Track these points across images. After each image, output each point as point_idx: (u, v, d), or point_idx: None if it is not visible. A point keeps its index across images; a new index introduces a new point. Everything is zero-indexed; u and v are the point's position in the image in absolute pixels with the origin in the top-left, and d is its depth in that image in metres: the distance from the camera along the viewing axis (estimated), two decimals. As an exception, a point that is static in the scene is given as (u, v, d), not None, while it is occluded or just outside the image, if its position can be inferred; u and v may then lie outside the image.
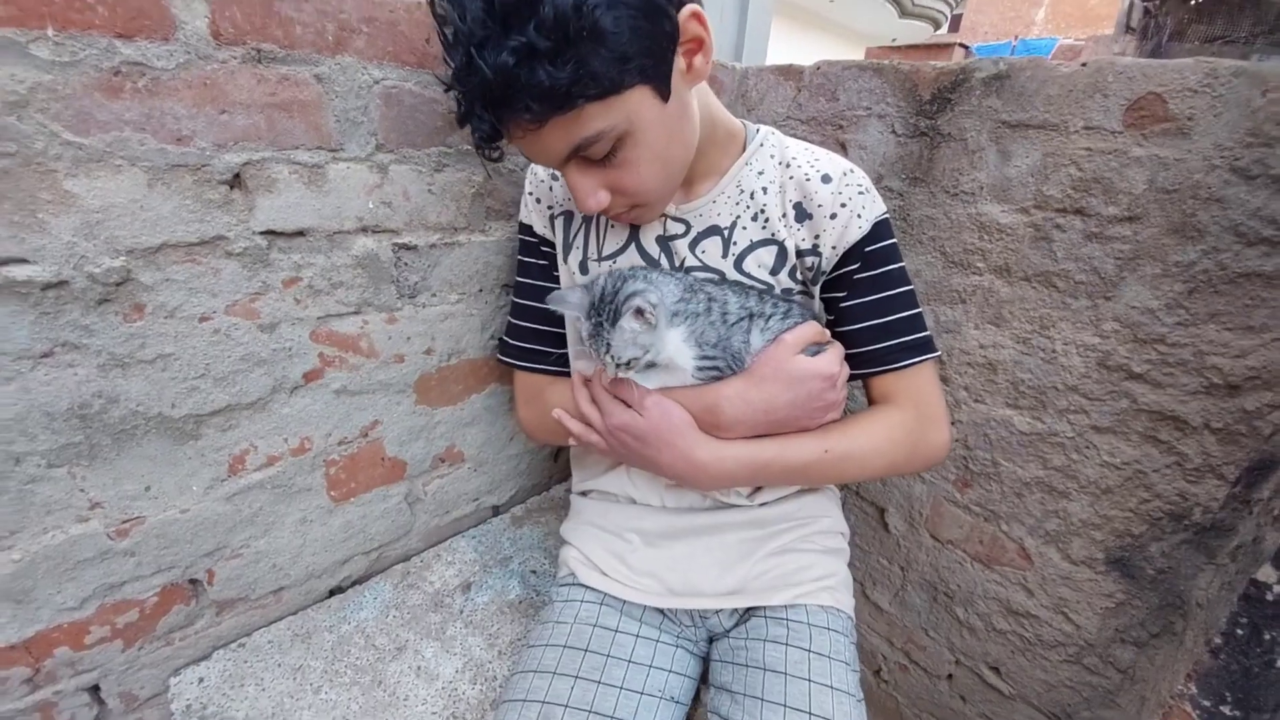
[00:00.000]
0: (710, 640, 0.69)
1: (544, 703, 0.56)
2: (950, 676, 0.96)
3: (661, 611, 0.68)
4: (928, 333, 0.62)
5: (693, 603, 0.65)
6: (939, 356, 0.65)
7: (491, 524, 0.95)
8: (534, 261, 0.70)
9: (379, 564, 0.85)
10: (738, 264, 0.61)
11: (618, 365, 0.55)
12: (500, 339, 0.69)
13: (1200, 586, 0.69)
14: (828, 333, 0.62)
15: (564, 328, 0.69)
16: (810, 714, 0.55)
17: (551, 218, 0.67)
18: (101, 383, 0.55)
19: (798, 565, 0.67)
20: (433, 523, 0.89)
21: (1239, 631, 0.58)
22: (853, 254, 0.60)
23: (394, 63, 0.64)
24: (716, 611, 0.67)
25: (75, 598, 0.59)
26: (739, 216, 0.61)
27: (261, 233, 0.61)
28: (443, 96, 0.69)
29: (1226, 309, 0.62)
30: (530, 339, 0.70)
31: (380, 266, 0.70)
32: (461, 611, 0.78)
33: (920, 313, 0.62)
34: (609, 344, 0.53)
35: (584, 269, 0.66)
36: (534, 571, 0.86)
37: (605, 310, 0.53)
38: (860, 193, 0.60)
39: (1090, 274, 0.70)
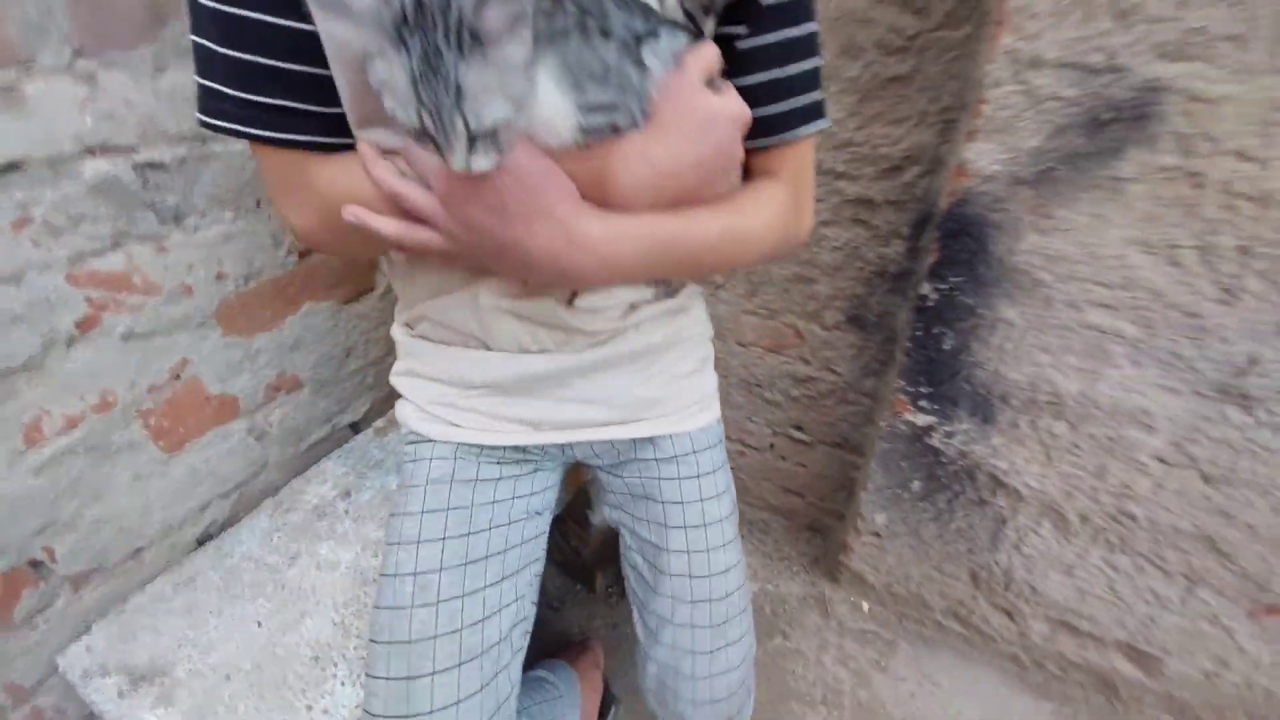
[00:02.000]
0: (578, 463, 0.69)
1: (415, 574, 0.54)
2: (771, 446, 1.26)
3: (523, 448, 0.62)
4: (822, 93, 0.49)
5: (562, 436, 0.60)
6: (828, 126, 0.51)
7: (355, 440, 0.99)
8: None
9: (244, 503, 0.86)
10: None
11: (473, 140, 0.31)
12: (208, 89, 0.39)
13: (902, 319, 0.99)
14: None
15: (324, 64, 0.39)
16: (704, 525, 0.62)
17: None
18: None
19: (679, 390, 0.62)
20: (289, 451, 0.91)
21: (917, 333, 0.87)
22: None
23: (57, -57, 0.56)
24: (590, 443, 0.62)
25: (-112, 606, 0.55)
26: None
27: (-42, 170, 0.54)
28: (136, -17, 0.62)
29: (884, 109, 0.85)
30: (277, 88, 0.39)
31: (126, 190, 0.66)
32: (347, 512, 0.85)
33: (820, 64, 0.48)
34: (458, 91, 0.29)
35: None
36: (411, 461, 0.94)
37: (438, 21, 0.27)
38: None
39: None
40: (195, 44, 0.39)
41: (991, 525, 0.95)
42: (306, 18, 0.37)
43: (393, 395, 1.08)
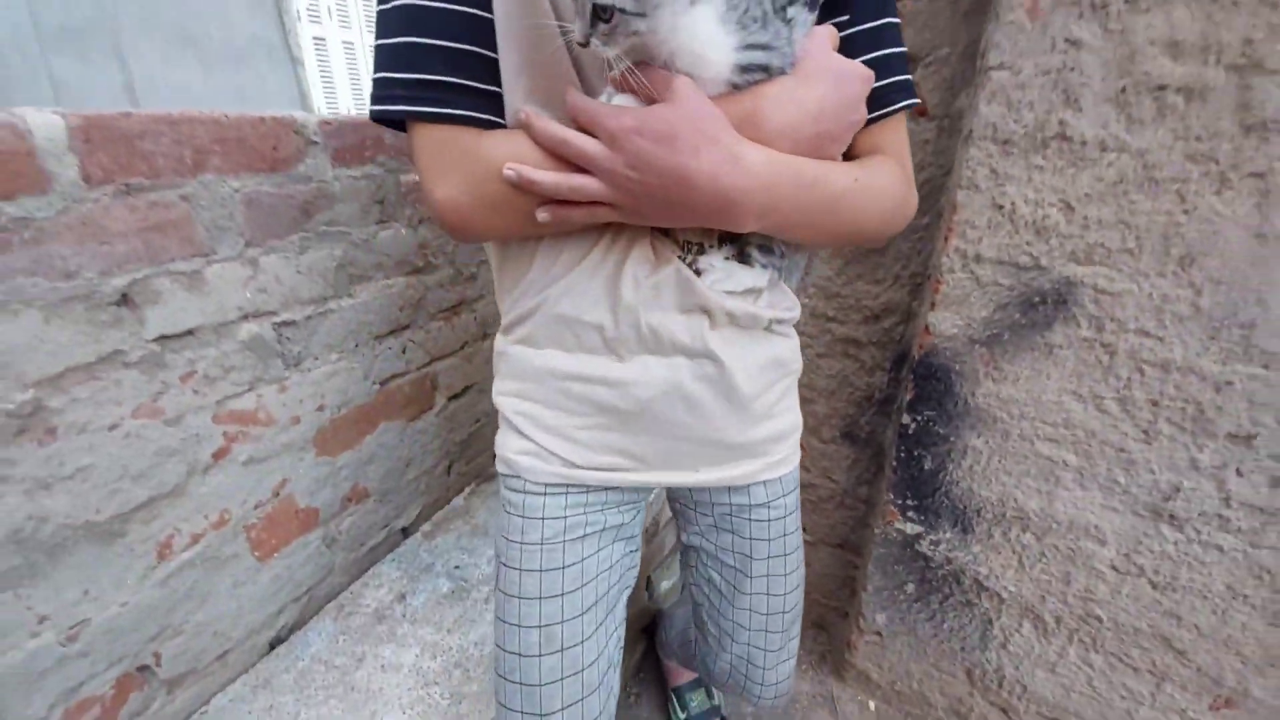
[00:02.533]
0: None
1: (541, 627, 0.59)
2: (777, 546, 1.38)
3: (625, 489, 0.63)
4: (910, 76, 0.54)
5: (670, 478, 0.60)
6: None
7: (406, 544, 1.10)
8: None
9: (311, 607, 0.96)
10: None
11: (594, 13, 0.38)
12: (380, 77, 0.44)
13: (889, 438, 1.15)
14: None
15: (494, 45, 0.45)
16: (785, 555, 0.69)
17: None
18: (30, 506, 0.62)
19: (783, 425, 0.64)
20: (351, 557, 1.02)
21: (901, 454, 1.03)
22: None
23: (249, 172, 0.76)
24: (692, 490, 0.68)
25: (42, 706, 0.65)
26: None
27: (153, 340, 0.70)
28: (297, 190, 0.82)
29: (865, 271, 1.06)
30: (443, 66, 0.44)
31: (266, 345, 0.82)
32: (404, 615, 0.95)
33: (906, 49, 0.54)
34: None
35: None
36: (457, 567, 1.05)
37: None
38: None
39: (797, 256, 1.10)
40: (376, 48, 0.45)
41: (980, 625, 1.06)
42: (481, 3, 0.43)
43: (439, 500, 1.20)
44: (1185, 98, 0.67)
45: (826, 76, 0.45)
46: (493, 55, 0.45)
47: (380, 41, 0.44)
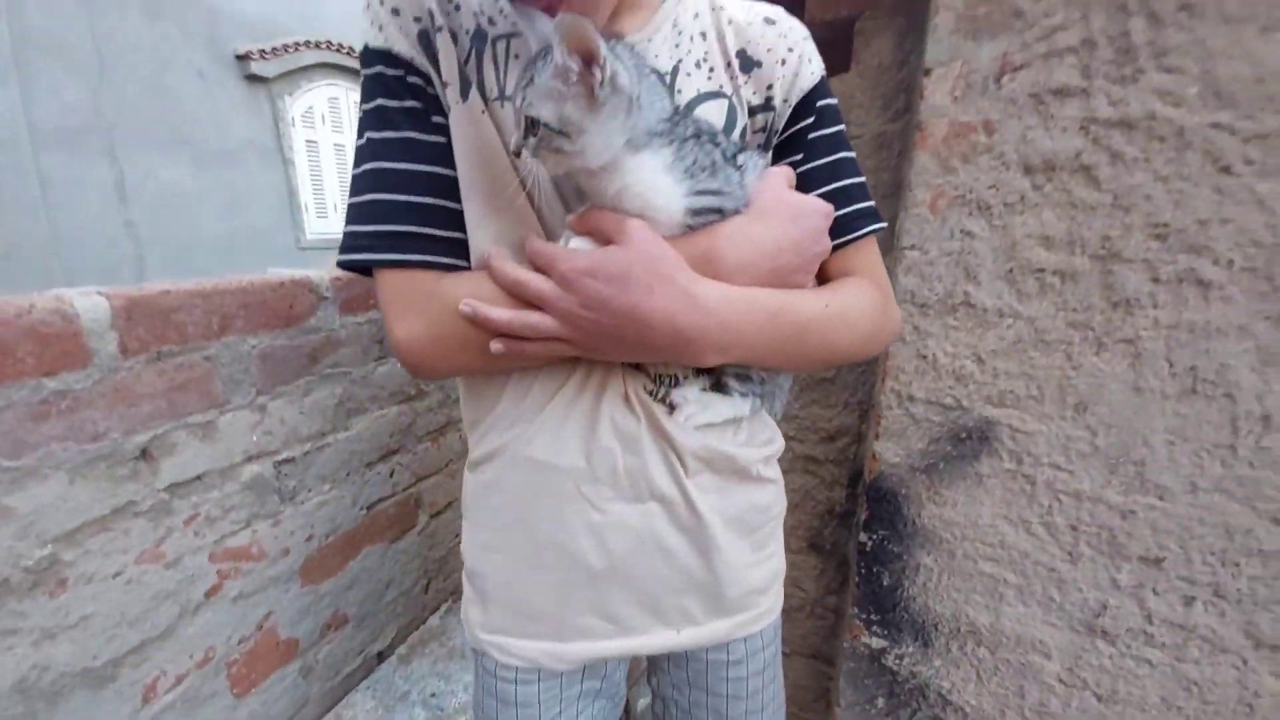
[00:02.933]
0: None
1: None
2: (752, 657, 1.41)
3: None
4: (873, 201, 0.57)
5: (650, 642, 0.57)
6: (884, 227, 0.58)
7: (381, 670, 1.11)
8: (396, 105, 0.48)
9: (282, 743, 0.96)
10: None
11: (527, 127, 0.41)
12: (347, 233, 0.48)
13: (851, 551, 1.23)
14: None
15: (455, 198, 0.49)
16: (761, 710, 0.64)
17: (424, 33, 0.47)
18: (36, 656, 0.65)
19: (766, 574, 0.62)
20: (326, 686, 1.03)
21: (862, 571, 1.11)
22: (805, 108, 0.54)
23: (266, 330, 0.86)
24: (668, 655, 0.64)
25: None
26: (680, 60, 0.51)
27: (164, 489, 0.76)
28: (307, 340, 0.91)
29: (819, 397, 1.18)
30: (403, 217, 0.48)
31: (265, 483, 0.88)
32: (379, 751, 0.95)
33: (866, 180, 0.57)
34: (530, 80, 0.41)
35: (489, 109, 0.48)
36: (433, 695, 1.06)
37: (543, 66, 0.41)
38: (804, 38, 0.54)
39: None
40: (348, 207, 0.48)
41: (949, 741, 1.10)
42: (440, 129, 0.48)
43: (414, 621, 1.21)
44: (1060, 278, 0.83)
45: (782, 213, 0.48)
46: (455, 206, 0.49)
47: (351, 200, 0.48)
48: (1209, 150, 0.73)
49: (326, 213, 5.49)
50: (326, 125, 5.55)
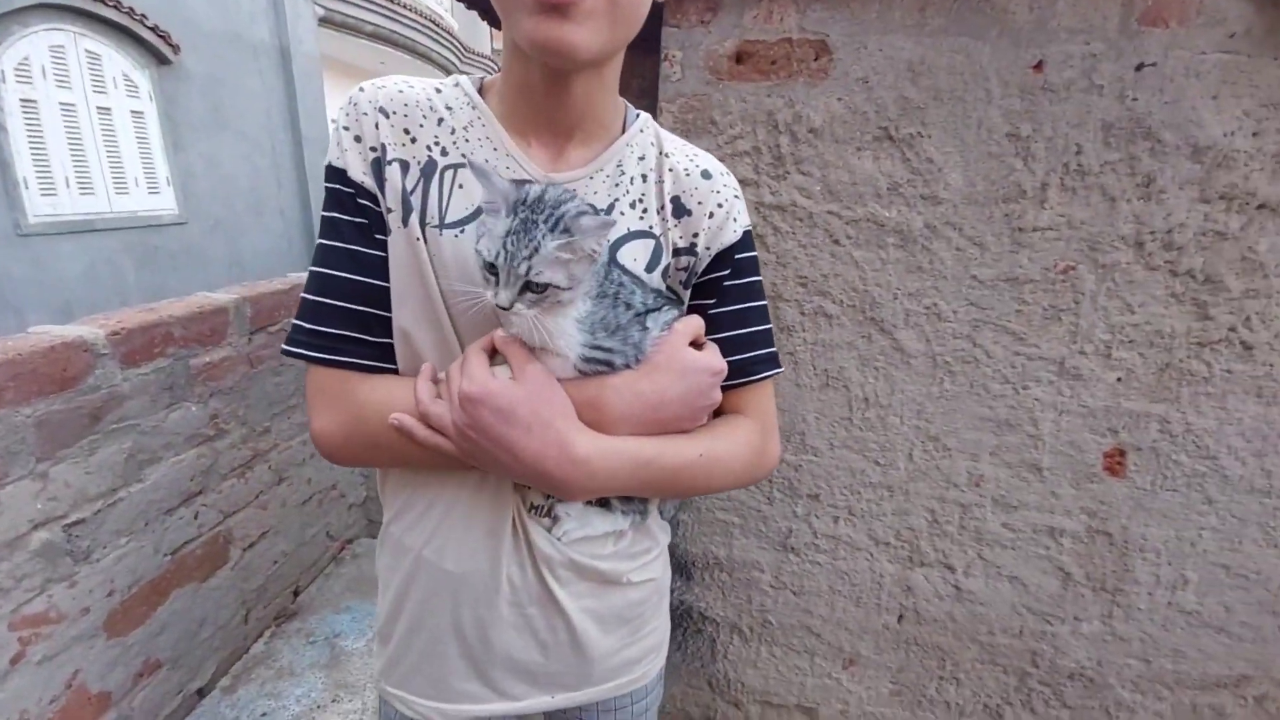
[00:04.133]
0: None
1: None
2: None
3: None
4: (775, 347, 0.63)
5: (524, 707, 0.62)
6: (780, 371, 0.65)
7: (204, 705, 1.18)
8: (346, 219, 0.54)
9: (100, 793, 1.00)
10: (611, 253, 0.55)
11: (524, 286, 0.45)
12: (294, 324, 0.53)
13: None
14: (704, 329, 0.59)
15: (387, 307, 0.55)
16: None
17: (377, 161, 0.53)
18: None
19: (647, 645, 0.66)
20: (145, 731, 1.07)
21: (642, 532, 1.45)
22: (724, 259, 0.59)
23: (40, 396, 0.87)
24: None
25: None
26: (617, 200, 0.56)
27: (-60, 570, 0.77)
28: (87, 400, 0.93)
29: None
30: (339, 321, 0.54)
31: (55, 547, 0.91)
32: (214, 772, 1.04)
33: (772, 327, 0.63)
34: (535, 250, 0.44)
35: (425, 236, 0.53)
36: (264, 714, 1.16)
37: (541, 211, 0.45)
38: (735, 196, 0.60)
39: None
40: (300, 298, 0.54)
41: (709, 644, 1.52)
42: (381, 245, 0.53)
43: (236, 650, 1.28)
44: (748, 312, 1.22)
45: (671, 370, 0.52)
46: (386, 314, 0.54)
47: (302, 295, 0.54)
48: (827, 229, 1.14)
49: (55, 189, 4.27)
50: (49, 80, 4.36)
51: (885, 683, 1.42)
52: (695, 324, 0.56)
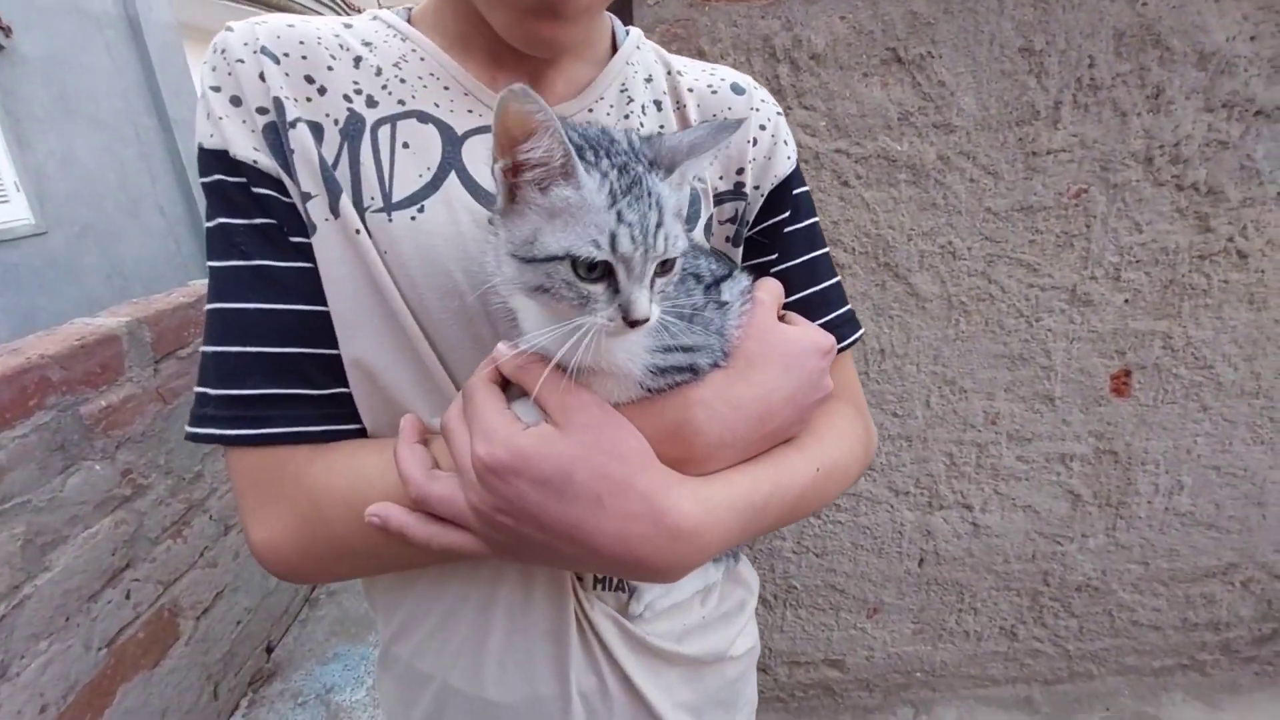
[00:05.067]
0: None
1: None
2: None
3: None
4: (850, 304, 0.49)
5: None
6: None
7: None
8: (242, 224, 0.37)
9: None
10: None
11: (661, 266, 0.30)
12: (198, 392, 0.37)
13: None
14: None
15: (331, 340, 0.37)
16: None
17: (272, 127, 0.36)
18: None
19: (735, 712, 0.51)
20: None
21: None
22: (780, 197, 0.46)
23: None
24: None
25: None
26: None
27: None
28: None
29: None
30: (262, 377, 0.37)
31: (-50, 676, 0.71)
32: None
33: (840, 277, 0.49)
34: (660, 207, 0.29)
35: (367, 226, 0.36)
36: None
37: (615, 152, 0.30)
38: (778, 113, 0.47)
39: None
40: (201, 353, 0.37)
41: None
42: (303, 252, 0.36)
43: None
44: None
45: (771, 362, 0.37)
46: (329, 351, 0.37)
47: (202, 349, 0.37)
48: (835, 169, 1.05)
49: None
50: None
51: (907, 624, 1.45)
52: (776, 288, 0.41)
